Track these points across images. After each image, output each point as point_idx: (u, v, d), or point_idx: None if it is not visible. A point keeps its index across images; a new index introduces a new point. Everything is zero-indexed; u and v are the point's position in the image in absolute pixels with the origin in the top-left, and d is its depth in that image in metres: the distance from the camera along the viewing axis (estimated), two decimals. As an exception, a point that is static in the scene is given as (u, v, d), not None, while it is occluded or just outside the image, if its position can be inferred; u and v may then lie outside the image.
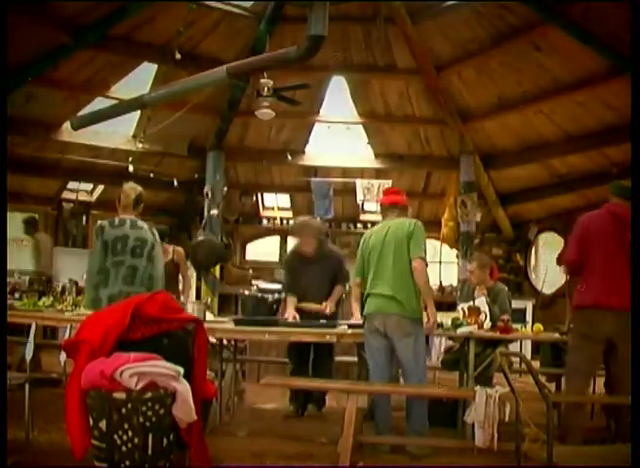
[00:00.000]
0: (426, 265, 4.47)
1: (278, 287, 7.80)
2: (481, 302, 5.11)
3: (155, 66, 8.48)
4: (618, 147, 8.10)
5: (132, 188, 4.87)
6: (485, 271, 5.58)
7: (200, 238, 9.55)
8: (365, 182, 10.30)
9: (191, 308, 4.99)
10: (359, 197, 10.39)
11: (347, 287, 5.64)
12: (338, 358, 6.37)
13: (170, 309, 3.61)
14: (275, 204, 11.84)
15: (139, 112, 8.64)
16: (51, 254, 8.47)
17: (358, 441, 4.22)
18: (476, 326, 4.96)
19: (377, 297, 4.54)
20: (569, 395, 5.26)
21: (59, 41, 7.28)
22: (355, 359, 5.67)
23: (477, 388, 4.16)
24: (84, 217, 10.38)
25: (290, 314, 5.38)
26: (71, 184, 10.21)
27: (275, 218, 11.70)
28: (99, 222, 4.75)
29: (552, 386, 5.57)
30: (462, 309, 5.15)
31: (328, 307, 5.37)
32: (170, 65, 7.50)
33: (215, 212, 9.66)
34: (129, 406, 3.08)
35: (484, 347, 5.11)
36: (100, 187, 10.54)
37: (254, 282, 8.73)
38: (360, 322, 5.40)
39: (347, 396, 4.22)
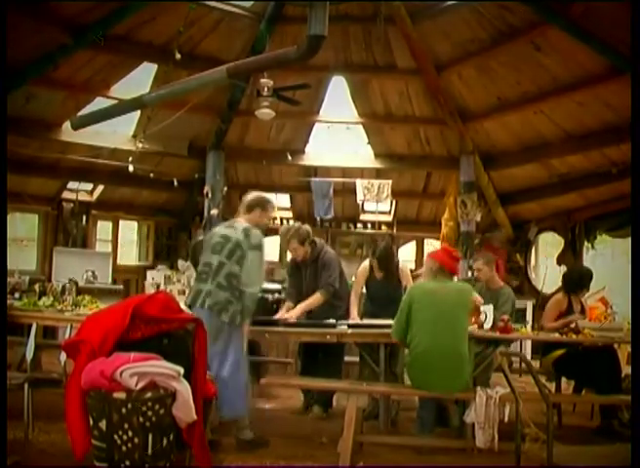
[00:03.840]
0: None
1: (278, 287, 7.80)
2: (488, 309, 5.11)
3: (155, 66, 8.47)
4: (618, 147, 8.10)
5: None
6: (491, 267, 5.76)
7: (200, 238, 9.54)
8: (365, 182, 10.30)
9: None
10: (359, 197, 10.39)
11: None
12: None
13: (170, 309, 3.62)
14: (275, 204, 11.81)
15: (139, 112, 8.63)
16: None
17: (358, 441, 4.23)
18: (476, 326, 4.97)
19: None
20: (569, 395, 5.25)
21: (59, 41, 7.27)
22: (356, 359, 5.66)
23: (477, 389, 4.17)
24: (84, 217, 10.37)
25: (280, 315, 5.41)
26: (71, 184, 10.18)
27: (275, 218, 11.68)
28: None
29: (552, 386, 5.57)
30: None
31: (293, 314, 5.28)
32: (170, 65, 7.48)
33: (215, 211, 9.66)
34: (129, 406, 3.08)
35: (484, 347, 5.11)
36: (100, 187, 10.53)
37: (253, 282, 8.71)
38: (359, 321, 5.42)
39: (347, 396, 4.23)
